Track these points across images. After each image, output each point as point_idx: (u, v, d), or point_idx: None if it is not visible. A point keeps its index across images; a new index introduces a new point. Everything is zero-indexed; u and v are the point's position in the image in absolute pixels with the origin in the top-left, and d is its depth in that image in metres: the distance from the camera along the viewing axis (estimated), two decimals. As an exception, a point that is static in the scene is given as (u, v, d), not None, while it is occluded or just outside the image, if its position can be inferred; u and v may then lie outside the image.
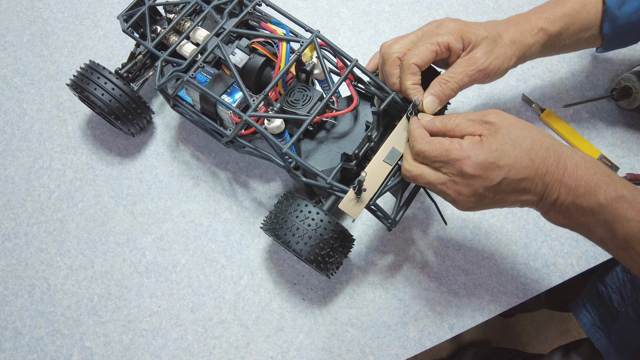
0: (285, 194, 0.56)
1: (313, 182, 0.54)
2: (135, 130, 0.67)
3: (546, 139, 0.42)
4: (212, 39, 0.57)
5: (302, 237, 0.50)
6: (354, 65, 0.54)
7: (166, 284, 0.64)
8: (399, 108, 0.53)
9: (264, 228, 0.56)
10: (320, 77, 0.58)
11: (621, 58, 0.70)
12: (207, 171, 0.68)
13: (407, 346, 0.59)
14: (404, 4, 0.76)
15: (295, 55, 0.53)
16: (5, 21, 0.80)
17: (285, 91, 0.56)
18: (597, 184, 0.40)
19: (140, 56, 0.64)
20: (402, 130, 0.50)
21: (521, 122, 0.43)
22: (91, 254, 0.66)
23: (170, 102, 0.61)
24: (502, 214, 0.63)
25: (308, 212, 0.52)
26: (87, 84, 0.61)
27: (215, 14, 0.58)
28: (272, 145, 0.52)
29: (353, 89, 0.56)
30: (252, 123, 0.51)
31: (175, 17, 0.60)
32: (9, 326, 0.64)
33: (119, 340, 0.62)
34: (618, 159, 0.64)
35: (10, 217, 0.69)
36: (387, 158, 0.49)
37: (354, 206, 0.48)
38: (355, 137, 0.57)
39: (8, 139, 0.73)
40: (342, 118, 0.58)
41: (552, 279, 0.60)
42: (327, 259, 0.52)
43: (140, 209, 0.67)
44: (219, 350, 0.61)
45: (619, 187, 0.39)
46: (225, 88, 0.57)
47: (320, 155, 0.56)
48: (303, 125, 0.51)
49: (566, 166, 0.41)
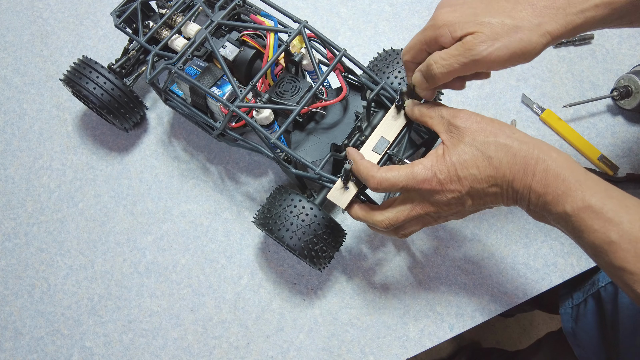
0: (277, 187, 0.57)
1: (303, 174, 0.54)
2: (128, 126, 0.67)
3: (514, 144, 0.40)
4: (202, 31, 0.57)
5: (295, 233, 0.51)
6: (342, 55, 0.53)
7: (166, 284, 0.64)
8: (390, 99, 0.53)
9: (256, 222, 0.56)
10: (310, 68, 0.58)
11: (621, 58, 0.70)
12: (207, 171, 0.68)
13: (407, 346, 0.59)
14: (404, 4, 0.76)
15: (283, 46, 0.53)
16: (5, 21, 0.80)
17: (274, 82, 0.57)
18: (564, 191, 0.38)
19: (133, 51, 0.64)
20: (391, 120, 0.50)
21: (489, 125, 0.41)
22: (91, 254, 0.66)
23: (162, 96, 0.62)
24: (502, 214, 0.63)
25: (302, 207, 0.52)
26: (79, 78, 0.61)
27: (207, 9, 0.59)
28: (261, 136, 0.52)
29: (342, 79, 0.56)
30: (240, 113, 0.51)
31: (167, 12, 0.60)
32: (9, 326, 0.64)
33: (119, 340, 0.62)
34: (618, 159, 0.64)
35: (10, 217, 0.69)
36: (376, 147, 0.49)
37: (341, 195, 0.47)
38: (344, 128, 0.56)
39: (8, 139, 0.73)
40: (332, 109, 0.58)
41: (552, 279, 0.60)
42: (320, 254, 0.52)
43: (140, 209, 0.67)
44: (219, 350, 0.61)
45: (588, 195, 0.37)
46: (214, 81, 0.57)
47: (310, 146, 0.56)
48: (291, 115, 0.51)
49: (534, 172, 0.39)
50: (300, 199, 0.52)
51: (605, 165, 0.63)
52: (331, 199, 0.48)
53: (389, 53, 0.61)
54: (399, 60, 0.59)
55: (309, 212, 0.52)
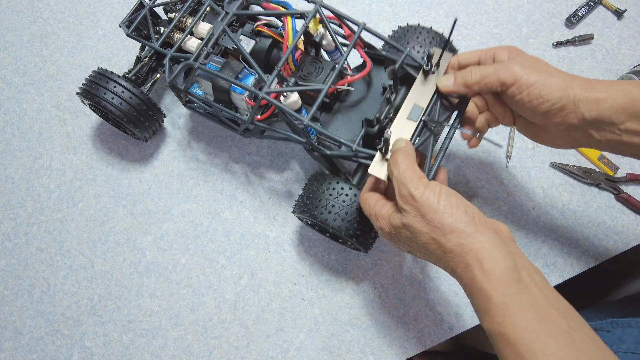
0: (312, 175, 0.57)
1: (338, 154, 0.53)
2: (148, 135, 0.66)
3: (447, 244, 0.38)
4: (217, 25, 0.57)
5: (338, 214, 0.51)
6: (362, 29, 0.53)
7: (166, 284, 0.64)
8: (417, 66, 0.52)
9: (296, 212, 0.56)
10: (329, 47, 0.57)
11: (621, 58, 0.70)
12: (206, 171, 0.68)
13: (407, 346, 0.59)
14: (404, 4, 0.76)
15: (303, 28, 0.53)
16: (5, 21, 0.80)
17: (295, 67, 0.56)
18: (485, 310, 0.36)
19: (146, 59, 0.64)
20: (421, 85, 0.49)
21: (435, 212, 0.39)
22: (91, 253, 0.66)
23: (182, 99, 0.61)
24: (501, 213, 0.63)
25: (341, 188, 0.52)
26: (97, 90, 0.60)
27: (216, 6, 0.59)
28: (292, 122, 0.52)
29: (364, 53, 0.55)
30: (269, 99, 0.50)
31: (176, 15, 0.60)
32: (9, 326, 0.64)
33: (119, 340, 0.62)
34: (618, 159, 0.64)
35: (10, 217, 0.69)
36: (411, 115, 0.48)
37: (382, 168, 0.46)
38: (371, 103, 0.56)
39: (8, 139, 0.73)
40: (356, 86, 0.58)
41: (552, 279, 0.60)
42: (365, 233, 0.52)
43: (140, 208, 0.67)
44: (219, 350, 0.61)
45: (507, 322, 0.34)
46: (235, 75, 0.56)
47: (339, 126, 0.56)
48: (321, 94, 0.50)
49: (462, 277, 0.38)
50: (337, 181, 0.53)
51: (605, 165, 0.63)
52: (372, 173, 0.46)
53: (407, 29, 0.60)
54: (417, 35, 0.59)
55: (348, 192, 0.52)
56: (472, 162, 0.65)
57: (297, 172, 0.67)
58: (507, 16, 0.73)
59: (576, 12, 0.71)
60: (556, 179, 0.64)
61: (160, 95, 0.73)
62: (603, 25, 0.70)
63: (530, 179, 0.64)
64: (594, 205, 0.62)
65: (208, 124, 0.70)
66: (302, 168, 0.67)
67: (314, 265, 0.63)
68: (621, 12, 0.70)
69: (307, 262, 0.63)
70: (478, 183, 0.64)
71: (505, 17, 0.73)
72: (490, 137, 0.63)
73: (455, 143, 0.67)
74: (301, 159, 0.67)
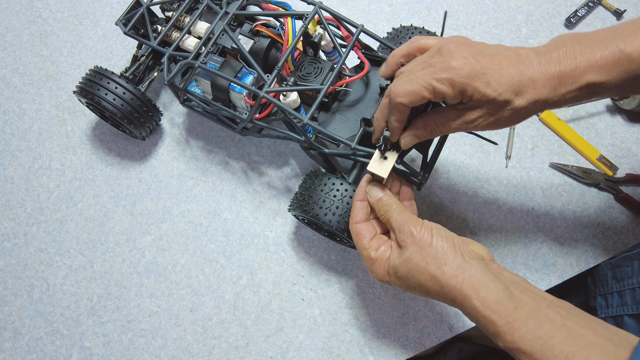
0: (308, 173, 0.57)
1: (336, 152, 0.54)
2: (145, 133, 0.66)
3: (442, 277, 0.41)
4: (217, 24, 0.57)
5: (329, 209, 0.52)
6: (360, 31, 0.54)
7: (165, 284, 0.64)
8: None
9: (291, 209, 0.56)
10: (327, 48, 0.58)
11: (621, 58, 0.70)
12: (206, 171, 0.68)
13: (407, 346, 0.59)
14: (404, 4, 0.76)
15: (303, 28, 0.54)
16: (5, 21, 0.80)
17: (295, 67, 0.57)
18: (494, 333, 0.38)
19: (143, 57, 0.64)
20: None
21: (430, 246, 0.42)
22: (90, 254, 0.66)
23: (180, 98, 0.61)
24: (502, 214, 0.63)
25: (332, 184, 0.53)
26: (97, 89, 0.60)
27: (214, 5, 0.59)
28: (292, 120, 0.52)
29: (362, 54, 0.57)
30: (270, 98, 0.51)
31: (174, 14, 0.60)
32: (8, 326, 0.64)
33: (119, 340, 0.62)
34: (618, 159, 0.64)
35: (10, 217, 0.69)
36: None
37: (381, 165, 0.47)
38: (370, 103, 0.57)
39: (7, 139, 0.73)
40: (354, 86, 0.58)
41: (552, 279, 0.60)
42: None
43: (139, 209, 0.67)
44: (219, 350, 0.61)
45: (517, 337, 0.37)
46: (234, 74, 0.57)
47: (337, 125, 0.57)
48: (320, 94, 0.51)
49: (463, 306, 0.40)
50: (329, 177, 0.53)
51: (604, 165, 0.63)
52: (372, 170, 0.47)
53: (400, 30, 0.62)
54: (410, 35, 0.60)
55: (339, 187, 0.52)
56: (472, 162, 0.66)
57: (296, 172, 0.67)
58: (506, 16, 0.73)
59: (576, 12, 0.71)
60: (556, 179, 0.64)
61: (158, 93, 0.73)
62: (603, 26, 0.70)
63: (530, 179, 0.64)
64: (593, 206, 0.62)
65: (207, 123, 0.70)
66: (301, 168, 0.67)
67: (313, 265, 0.63)
68: (620, 12, 0.70)
69: (307, 262, 0.63)
70: (478, 183, 0.64)
71: (505, 18, 0.73)
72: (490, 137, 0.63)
73: (455, 143, 0.67)
74: (301, 159, 0.67)
